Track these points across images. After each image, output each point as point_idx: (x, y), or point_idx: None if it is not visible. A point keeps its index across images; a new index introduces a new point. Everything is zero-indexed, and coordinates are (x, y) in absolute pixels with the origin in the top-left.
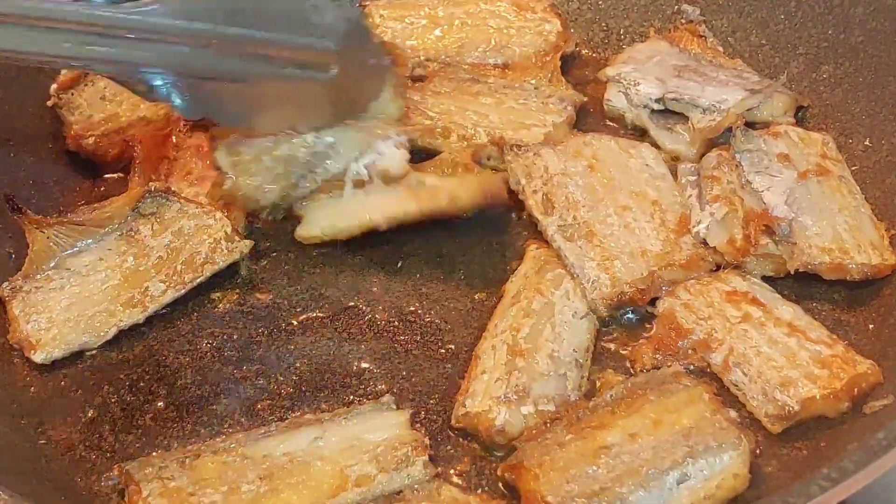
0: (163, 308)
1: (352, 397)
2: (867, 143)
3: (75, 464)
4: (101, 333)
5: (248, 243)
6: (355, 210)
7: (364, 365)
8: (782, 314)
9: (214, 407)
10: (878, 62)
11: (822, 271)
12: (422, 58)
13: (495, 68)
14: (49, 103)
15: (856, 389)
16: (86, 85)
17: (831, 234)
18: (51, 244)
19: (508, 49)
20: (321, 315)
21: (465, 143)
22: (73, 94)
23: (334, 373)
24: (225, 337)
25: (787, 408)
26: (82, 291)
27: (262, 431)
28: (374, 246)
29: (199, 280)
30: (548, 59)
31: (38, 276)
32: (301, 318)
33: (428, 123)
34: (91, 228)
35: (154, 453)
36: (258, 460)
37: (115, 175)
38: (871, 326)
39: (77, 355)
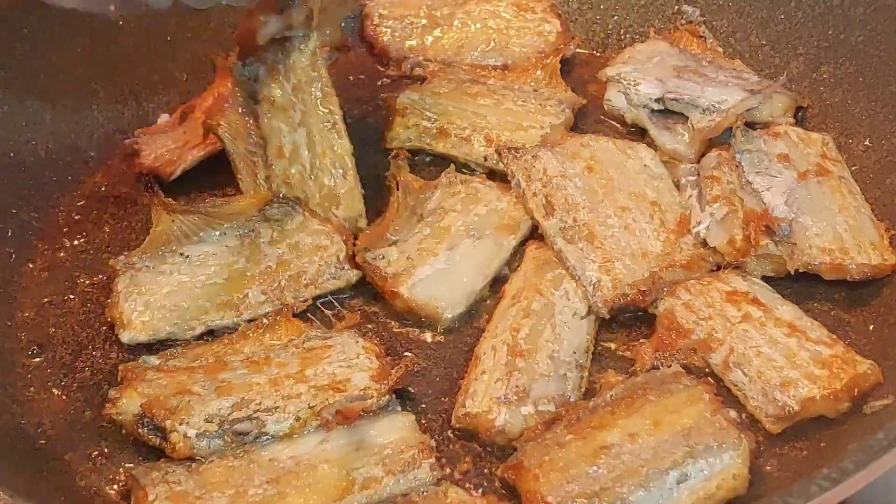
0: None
1: None
2: (867, 143)
3: (75, 464)
4: (189, 329)
5: (357, 273)
6: None
7: None
8: (782, 314)
9: None
10: (878, 62)
11: (822, 271)
12: (421, 58)
13: (495, 69)
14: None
15: (856, 389)
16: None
17: (831, 234)
18: (174, 228)
19: (508, 49)
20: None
21: (462, 143)
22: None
23: None
24: None
25: (787, 408)
26: (187, 282)
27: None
28: None
29: (299, 299)
30: (547, 60)
31: (153, 257)
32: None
33: (426, 124)
34: (216, 221)
35: (161, 459)
36: (264, 464)
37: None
38: (871, 326)
39: (78, 353)
